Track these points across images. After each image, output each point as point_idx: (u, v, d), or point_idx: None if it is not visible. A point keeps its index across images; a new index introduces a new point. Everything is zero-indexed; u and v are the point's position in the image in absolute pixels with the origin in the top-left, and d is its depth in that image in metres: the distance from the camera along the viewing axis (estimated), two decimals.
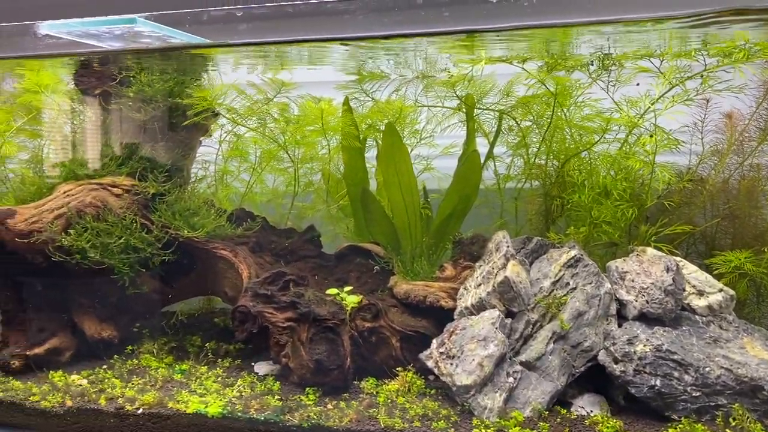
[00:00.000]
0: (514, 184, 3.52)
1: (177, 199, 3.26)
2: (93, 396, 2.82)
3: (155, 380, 2.96)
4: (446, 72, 3.40)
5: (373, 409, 2.62)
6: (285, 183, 3.70)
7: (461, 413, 2.57)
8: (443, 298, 2.93)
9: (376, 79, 3.51)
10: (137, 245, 3.10)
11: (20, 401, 2.82)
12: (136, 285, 3.16)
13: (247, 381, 2.91)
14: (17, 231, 3.06)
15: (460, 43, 3.05)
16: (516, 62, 3.18)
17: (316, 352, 2.75)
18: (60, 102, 3.42)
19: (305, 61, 3.47)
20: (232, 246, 3.22)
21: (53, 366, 3.12)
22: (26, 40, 2.71)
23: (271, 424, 2.58)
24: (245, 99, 3.43)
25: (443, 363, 2.67)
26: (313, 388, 2.78)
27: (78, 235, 3.06)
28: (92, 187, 3.21)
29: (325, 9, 2.38)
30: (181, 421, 2.67)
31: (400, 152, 3.13)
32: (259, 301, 2.89)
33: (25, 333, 3.18)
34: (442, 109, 3.49)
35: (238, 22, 2.44)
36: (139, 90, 3.31)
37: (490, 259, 2.87)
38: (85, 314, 3.22)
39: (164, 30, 2.72)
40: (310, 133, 3.53)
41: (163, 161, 3.34)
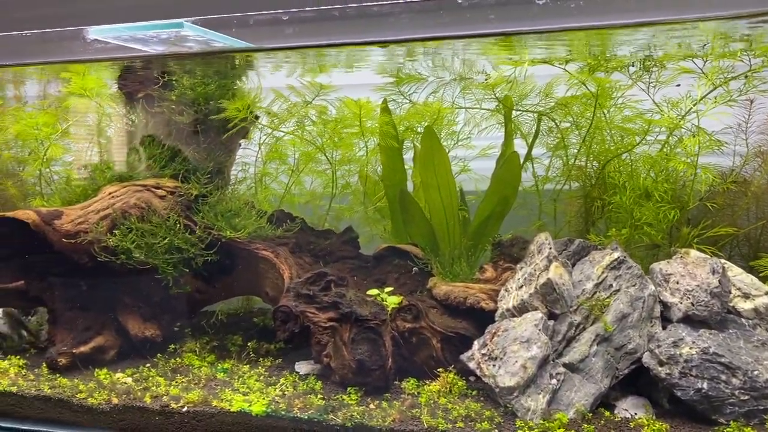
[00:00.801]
0: (552, 185, 3.51)
1: (219, 201, 3.31)
2: (138, 394, 2.87)
3: (198, 379, 3.00)
4: (484, 74, 3.41)
5: (415, 410, 2.63)
6: (322, 185, 3.73)
7: (504, 414, 2.57)
8: (484, 299, 2.93)
9: (413, 82, 3.52)
10: (181, 245, 3.15)
11: (67, 398, 2.88)
12: (179, 285, 3.21)
13: (290, 380, 2.94)
14: (64, 231, 3.13)
15: (500, 44, 3.05)
16: (557, 63, 3.17)
17: (358, 352, 2.77)
18: (104, 105, 3.49)
19: (343, 63, 3.50)
20: (273, 247, 3.26)
21: (98, 364, 3.18)
22: (75, 44, 2.77)
23: (315, 423, 2.60)
24: (284, 102, 3.47)
25: (485, 364, 2.67)
26: (355, 388, 2.80)
27: (123, 235, 3.12)
28: (137, 189, 3.28)
29: (370, 12, 2.40)
30: (225, 419, 2.70)
31: (439, 155, 3.14)
32: (301, 301, 2.92)
33: (70, 331, 3.25)
34: (480, 111, 3.49)
35: (284, 25, 2.48)
36: (182, 93, 3.37)
37: (531, 261, 2.86)
38: (128, 313, 3.28)
39: (208, 34, 2.77)
40: (347, 135, 3.55)
41: (204, 163, 3.40)
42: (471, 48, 3.15)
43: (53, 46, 2.86)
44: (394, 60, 3.42)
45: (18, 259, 3.33)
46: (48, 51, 2.93)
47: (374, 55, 3.37)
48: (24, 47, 2.91)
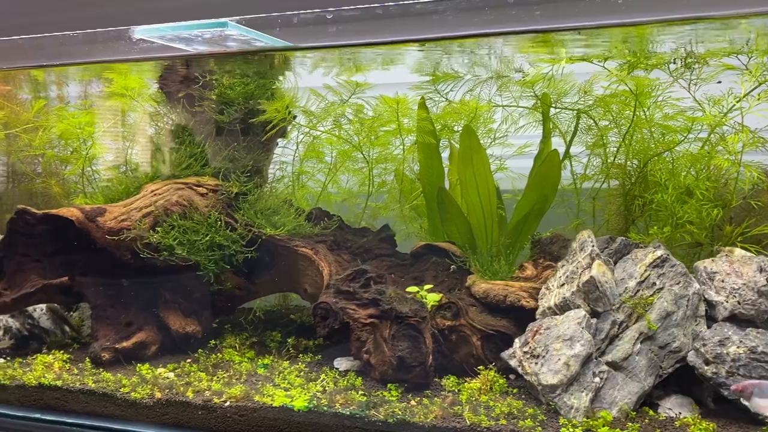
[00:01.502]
0: (590, 183, 3.49)
1: (258, 199, 3.35)
2: (181, 389, 2.91)
3: (240, 374, 3.04)
4: (521, 72, 3.40)
5: (457, 407, 2.64)
6: (358, 183, 3.74)
7: (547, 412, 2.57)
8: (524, 297, 2.93)
9: (449, 80, 3.53)
10: (222, 243, 3.19)
11: (111, 392, 2.92)
12: (220, 281, 3.25)
13: (330, 376, 2.96)
14: (107, 228, 3.18)
15: (539, 42, 3.04)
16: (596, 61, 3.15)
17: (399, 348, 2.78)
18: (145, 105, 3.55)
19: (379, 62, 3.52)
20: (313, 244, 3.29)
21: (140, 359, 3.23)
22: (121, 44, 2.82)
23: (357, 418, 2.62)
24: (322, 101, 3.50)
25: (527, 362, 2.67)
26: (395, 385, 2.81)
27: (165, 232, 3.17)
28: (178, 186, 3.33)
29: (414, 10, 2.41)
30: (267, 414, 2.72)
31: (477, 154, 3.14)
32: (341, 297, 2.95)
33: (113, 327, 3.30)
34: (517, 109, 3.49)
35: (327, 24, 2.50)
36: (221, 93, 3.41)
37: (573, 259, 2.85)
38: (169, 309, 3.33)
39: (251, 33, 2.80)
40: (384, 134, 3.57)
41: (244, 162, 3.44)
42: (509, 45, 3.14)
43: (99, 46, 2.91)
44: (431, 58, 3.43)
45: (62, 255, 3.40)
46: (94, 51, 2.99)
47: (410, 54, 3.38)
48: (71, 47, 2.96)
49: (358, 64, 3.46)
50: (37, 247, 3.37)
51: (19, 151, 3.84)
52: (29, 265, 3.38)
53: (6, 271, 3.36)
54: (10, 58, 3.25)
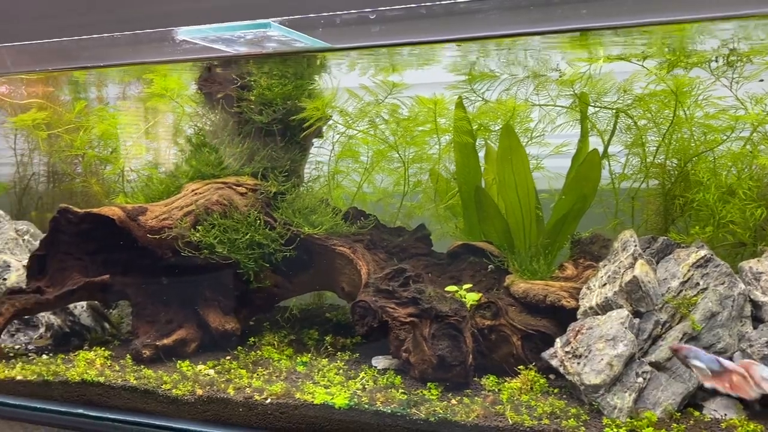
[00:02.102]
0: (628, 183, 3.46)
1: (296, 198, 3.38)
2: (221, 386, 2.93)
3: (279, 371, 3.06)
4: (557, 71, 3.39)
5: (498, 406, 2.63)
6: (393, 183, 3.76)
7: (590, 412, 2.55)
8: (565, 297, 2.91)
9: (486, 79, 3.52)
10: (261, 241, 3.22)
11: (153, 389, 2.96)
12: (259, 279, 3.29)
13: (369, 374, 2.97)
14: (148, 227, 3.23)
15: (579, 41, 3.03)
16: (635, 59, 3.13)
17: (439, 348, 2.79)
18: (185, 105, 3.59)
19: (416, 62, 3.52)
20: (350, 243, 3.30)
21: (180, 356, 3.26)
22: (164, 45, 2.86)
23: (398, 417, 2.63)
24: (358, 101, 3.52)
25: (569, 362, 2.66)
26: (435, 384, 2.82)
27: (206, 231, 3.21)
28: (218, 186, 3.36)
29: (458, 9, 2.41)
30: (308, 412, 2.74)
31: (517, 153, 3.14)
32: (380, 296, 2.96)
33: (153, 324, 3.35)
34: (554, 108, 3.47)
35: (370, 24, 2.51)
36: (260, 94, 3.45)
37: (615, 259, 2.84)
38: (209, 307, 3.36)
39: (292, 34, 2.82)
40: (420, 134, 3.58)
41: (282, 162, 3.47)
42: (547, 44, 3.13)
43: (143, 47, 2.96)
44: (467, 57, 3.43)
45: (103, 253, 3.45)
46: (137, 52, 3.04)
47: (446, 53, 3.39)
48: (115, 48, 3.02)
49: (395, 64, 3.48)
50: (79, 245, 3.43)
51: (60, 151, 3.91)
52: (71, 263, 3.43)
53: (48, 269, 3.42)
54: (54, 59, 3.31)
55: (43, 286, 3.39)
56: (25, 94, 3.95)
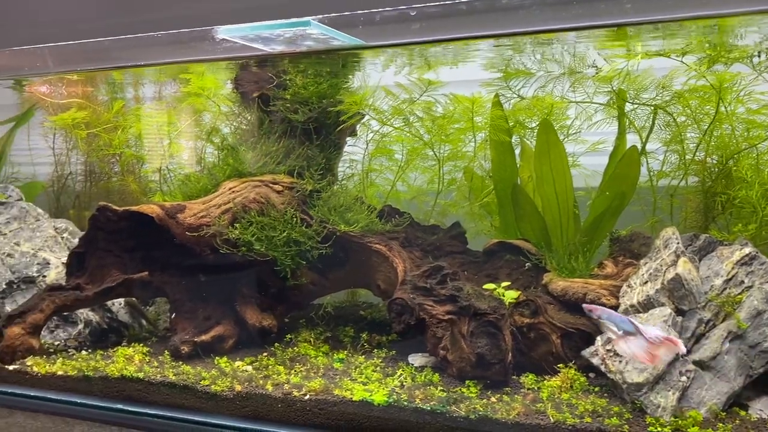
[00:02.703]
0: (666, 181, 3.42)
1: (331, 196, 3.39)
2: (260, 382, 2.95)
3: (317, 368, 3.08)
4: (594, 67, 3.36)
5: (539, 404, 2.62)
6: (427, 181, 3.75)
7: (633, 411, 2.53)
8: (605, 295, 2.89)
9: (521, 76, 3.51)
10: (298, 239, 3.24)
11: (192, 385, 2.98)
12: (295, 276, 3.30)
13: (407, 371, 2.97)
14: (187, 225, 3.26)
15: (616, 36, 3.00)
16: (674, 55, 3.10)
17: (478, 345, 2.78)
18: (221, 105, 3.62)
19: (451, 59, 3.52)
20: (386, 240, 3.31)
21: (217, 352, 3.29)
22: (204, 44, 2.89)
23: (438, 414, 2.62)
24: (393, 99, 3.52)
25: (611, 360, 2.63)
26: (474, 381, 2.81)
27: (244, 228, 3.23)
28: (255, 184, 3.39)
29: (498, 5, 2.40)
30: (347, 408, 2.75)
31: (556, 149, 3.12)
32: (418, 293, 2.96)
33: (191, 321, 3.38)
34: (591, 105, 3.45)
35: (411, 21, 2.51)
36: (295, 93, 3.47)
37: (657, 256, 2.80)
38: (246, 304, 3.38)
39: (330, 32, 2.83)
40: (455, 131, 3.57)
41: (317, 160, 3.48)
42: (585, 40, 3.11)
43: (183, 46, 2.99)
44: (502, 55, 3.42)
45: (141, 251, 3.50)
46: (177, 51, 3.07)
47: (481, 51, 3.38)
48: (155, 48, 3.05)
49: (430, 61, 3.47)
50: (118, 242, 3.47)
51: (99, 150, 3.97)
52: (110, 261, 3.48)
53: (87, 266, 3.48)
54: (93, 59, 3.36)
55: (82, 283, 3.45)
56: (65, 94, 4.02)
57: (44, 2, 3.30)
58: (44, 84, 4.00)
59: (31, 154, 4.53)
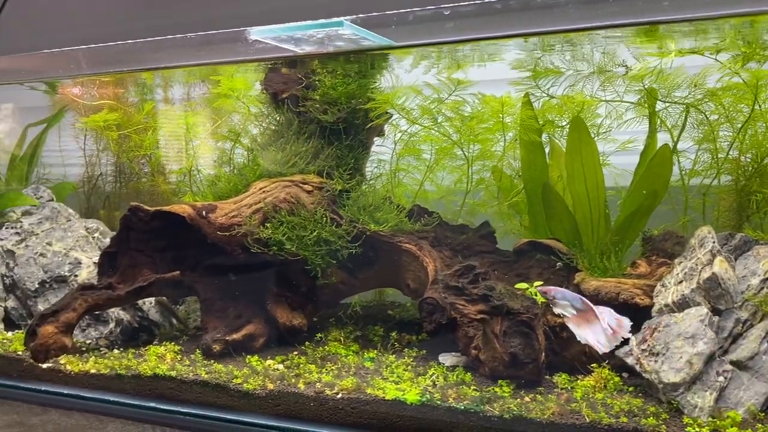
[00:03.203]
0: (697, 180, 3.39)
1: (360, 196, 3.40)
2: (292, 380, 2.97)
3: (348, 367, 3.09)
4: (624, 66, 3.34)
5: (573, 404, 2.61)
6: (455, 180, 3.75)
7: (669, 411, 2.51)
8: (638, 295, 2.87)
9: (551, 75, 3.50)
10: (328, 238, 3.25)
11: (224, 383, 3.00)
12: (326, 276, 3.32)
13: (439, 371, 2.97)
14: (218, 224, 3.29)
15: (649, 34, 2.98)
16: (708, 53, 3.07)
17: (511, 345, 2.77)
18: (250, 106, 3.65)
19: (478, 58, 3.51)
20: (416, 240, 3.31)
21: (248, 351, 3.32)
22: (237, 45, 2.91)
23: (471, 413, 2.62)
24: (422, 99, 3.52)
25: (646, 360, 2.61)
26: (506, 381, 2.80)
27: (275, 228, 3.25)
28: (285, 184, 3.41)
29: (534, 4, 2.40)
30: (379, 407, 2.75)
31: (587, 147, 3.10)
32: (450, 293, 2.96)
33: (222, 319, 3.40)
34: (621, 104, 3.42)
35: (444, 20, 2.51)
36: (324, 93, 3.48)
37: (692, 255, 2.78)
38: (277, 303, 3.40)
39: (362, 32, 2.84)
40: (483, 131, 3.56)
41: (346, 160, 3.49)
42: (615, 39, 3.09)
43: (215, 47, 3.01)
44: (532, 53, 3.41)
45: (172, 250, 3.53)
46: (211, 52, 3.09)
47: (510, 50, 3.37)
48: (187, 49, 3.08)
49: (459, 61, 3.47)
50: (149, 242, 3.51)
51: (129, 151, 4.01)
52: (141, 260, 3.53)
53: (119, 265, 3.52)
54: (126, 61, 3.40)
55: (114, 283, 3.49)
56: (96, 96, 4.07)
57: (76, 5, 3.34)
58: (76, 86, 4.05)
59: (61, 155, 4.60)
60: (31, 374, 3.37)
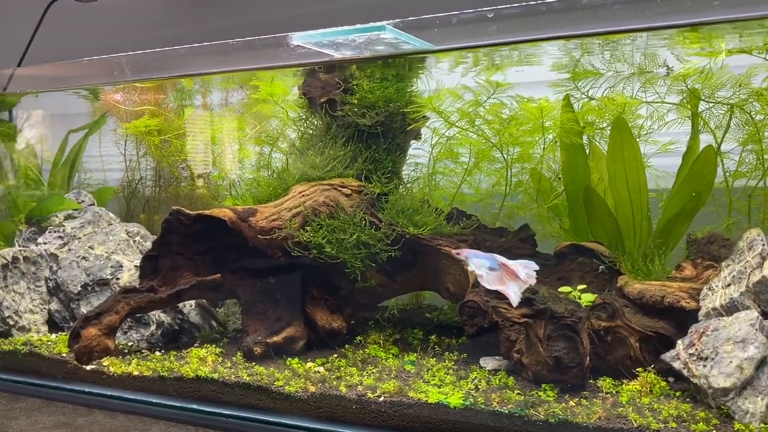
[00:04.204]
0: (742, 181, 3.33)
1: (398, 199, 3.41)
2: (333, 383, 2.98)
3: (389, 370, 3.09)
4: (666, 67, 3.30)
5: (619, 408, 2.58)
6: (493, 183, 3.73)
7: (719, 416, 2.47)
8: (684, 298, 2.83)
9: (590, 77, 3.47)
10: (368, 241, 3.26)
11: (266, 385, 3.02)
12: (365, 279, 3.33)
13: (482, 374, 2.96)
14: (259, 228, 3.31)
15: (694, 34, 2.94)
16: (756, 52, 3.02)
17: (555, 349, 2.75)
18: (288, 110, 3.67)
19: (517, 60, 3.50)
20: (456, 243, 3.31)
21: (288, 353, 3.33)
22: (279, 50, 2.94)
23: (516, 418, 2.60)
24: (460, 102, 3.52)
25: (694, 364, 2.58)
26: (550, 385, 2.78)
27: (315, 231, 3.27)
28: (324, 188, 3.43)
29: (579, 4, 2.38)
30: (422, 411, 2.75)
31: (630, 148, 3.07)
32: (492, 296, 2.95)
33: (263, 322, 3.43)
34: (663, 105, 3.38)
35: (488, 23, 2.51)
36: (362, 97, 3.49)
37: (741, 258, 2.74)
38: (316, 306, 3.42)
39: (403, 36, 2.85)
40: (522, 133, 3.54)
41: (384, 164, 3.50)
42: (658, 39, 3.05)
43: (258, 52, 3.04)
44: (571, 55, 3.38)
45: (212, 253, 3.57)
46: (251, 58, 3.13)
47: (550, 50, 3.35)
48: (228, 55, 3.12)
49: (498, 63, 3.46)
50: (190, 245, 3.55)
51: (170, 155, 4.07)
52: (182, 263, 3.57)
53: (160, 268, 3.56)
54: (168, 67, 3.45)
55: (155, 285, 3.53)
56: (137, 102, 4.15)
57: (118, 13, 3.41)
58: (118, 92, 4.13)
59: (102, 160, 4.68)
60: (75, 376, 3.44)
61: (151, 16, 3.39)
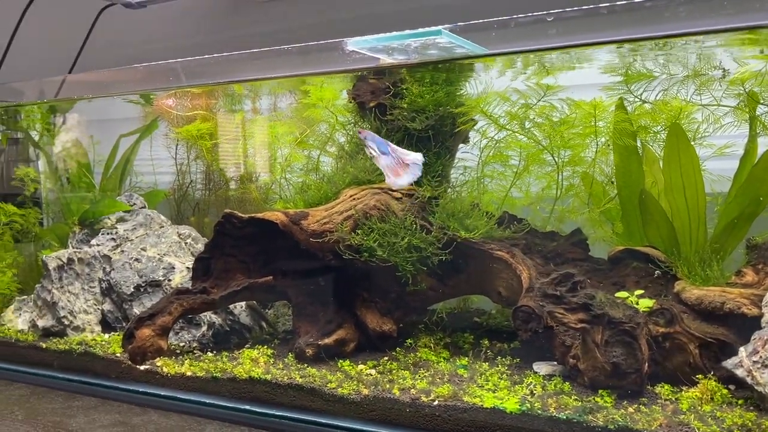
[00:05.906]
0: None
1: (449, 202, 3.41)
2: (386, 386, 2.99)
3: (442, 374, 3.09)
4: (722, 69, 3.25)
5: (681, 416, 2.54)
6: (543, 187, 3.71)
7: None
8: (745, 305, 2.78)
9: (643, 79, 3.42)
10: (419, 245, 3.27)
11: (318, 387, 3.04)
12: (415, 282, 3.33)
13: (537, 380, 2.94)
14: (310, 231, 3.35)
15: (757, 36, 2.88)
16: None
17: (613, 355, 2.72)
18: (338, 115, 3.70)
19: (569, 63, 3.47)
20: (508, 247, 3.29)
21: (339, 356, 3.35)
22: (334, 55, 2.96)
23: (574, 423, 2.58)
24: (510, 105, 3.50)
25: (758, 372, 2.52)
26: (607, 391, 2.75)
27: (366, 234, 3.29)
28: (375, 191, 3.45)
29: (640, 6, 2.36)
30: (477, 416, 2.74)
31: (686, 153, 3.03)
32: (547, 301, 2.93)
33: (314, 324, 3.46)
34: (719, 109, 3.32)
35: (547, 26, 2.50)
36: (412, 101, 3.50)
37: None
38: (367, 308, 3.44)
39: (458, 40, 2.85)
40: (573, 136, 3.51)
41: (434, 167, 3.51)
42: (716, 41, 3.00)
43: (311, 57, 3.08)
44: (624, 57, 3.34)
45: (264, 256, 3.61)
46: (307, 63, 3.16)
47: (604, 53, 3.31)
48: (283, 60, 3.16)
49: (549, 66, 3.44)
50: (242, 248, 3.60)
51: (220, 159, 4.13)
52: (234, 265, 3.62)
53: (213, 270, 3.61)
54: (226, 72, 3.50)
55: (208, 287, 3.58)
56: (189, 106, 4.22)
57: (171, 21, 3.47)
58: (170, 97, 4.21)
59: (153, 163, 4.77)
60: (129, 376, 3.51)
61: (195, 21, 3.44)
